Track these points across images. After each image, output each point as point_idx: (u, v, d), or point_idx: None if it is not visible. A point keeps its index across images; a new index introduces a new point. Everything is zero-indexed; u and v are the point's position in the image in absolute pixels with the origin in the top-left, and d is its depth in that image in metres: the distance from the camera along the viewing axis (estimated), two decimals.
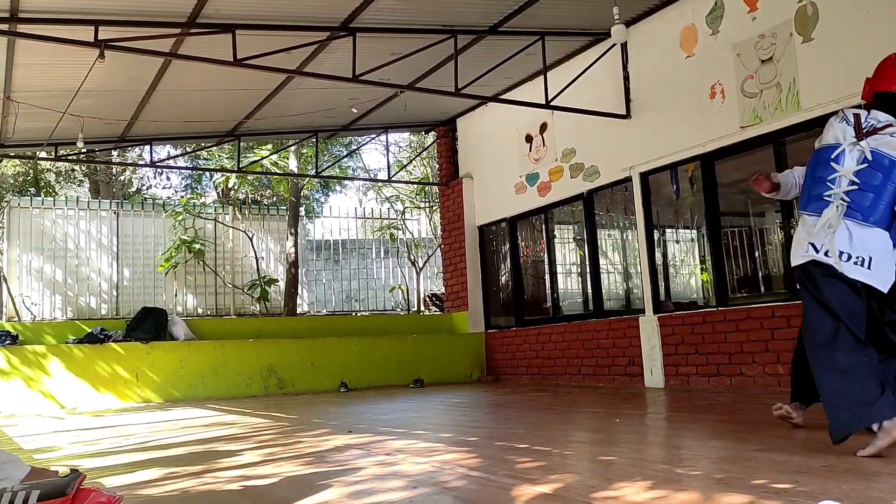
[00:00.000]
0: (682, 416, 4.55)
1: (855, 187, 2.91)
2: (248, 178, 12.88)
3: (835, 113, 3.16)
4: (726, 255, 6.99)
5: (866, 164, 2.91)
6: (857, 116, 3.02)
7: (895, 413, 2.62)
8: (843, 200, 2.91)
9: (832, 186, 2.95)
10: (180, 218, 11.54)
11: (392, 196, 16.13)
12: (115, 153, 14.75)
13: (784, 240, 6.29)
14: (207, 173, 16.21)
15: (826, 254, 2.89)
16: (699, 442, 3.47)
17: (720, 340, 6.48)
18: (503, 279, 9.88)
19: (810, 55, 5.84)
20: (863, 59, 5.50)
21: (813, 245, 2.94)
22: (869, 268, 2.85)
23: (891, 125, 2.97)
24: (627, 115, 7.49)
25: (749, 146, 6.42)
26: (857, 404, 2.70)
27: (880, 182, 2.89)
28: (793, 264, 3.06)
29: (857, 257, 2.86)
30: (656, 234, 7.56)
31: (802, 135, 6.09)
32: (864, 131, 2.97)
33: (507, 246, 9.58)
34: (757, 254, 8.02)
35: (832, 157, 2.99)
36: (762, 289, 7.18)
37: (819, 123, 5.90)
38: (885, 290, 2.88)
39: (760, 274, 7.76)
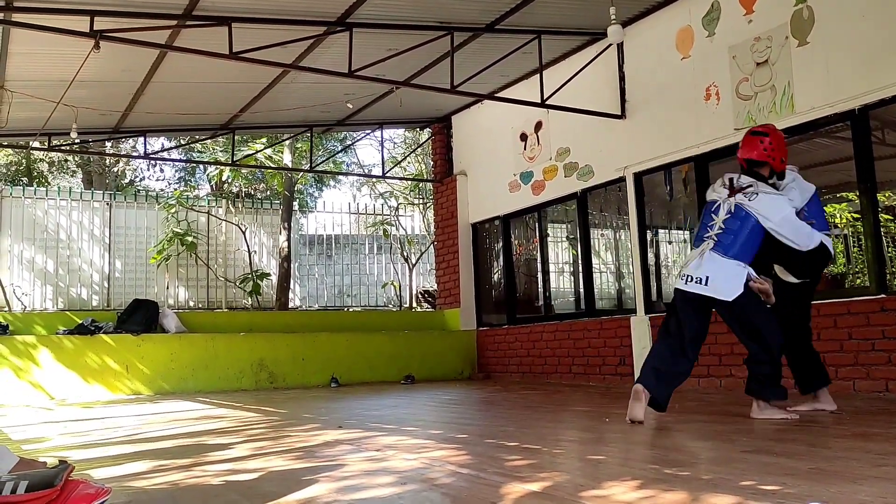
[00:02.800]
0: (671, 417, 4.56)
1: (722, 231, 4.02)
2: (242, 171, 12.84)
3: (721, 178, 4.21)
4: None
5: (730, 215, 4.03)
6: (731, 179, 4.12)
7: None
8: (713, 239, 4.03)
9: (710, 230, 4.08)
10: (173, 210, 11.49)
11: (386, 192, 16.13)
12: (108, 144, 14.68)
13: None
14: (201, 166, 16.14)
15: (685, 280, 4.04)
16: (688, 442, 3.49)
17: (710, 342, 6.46)
18: (496, 277, 9.89)
19: (805, 59, 5.86)
20: (858, 64, 5.53)
21: (680, 274, 4.13)
22: (706, 284, 3.95)
23: (750, 186, 4.06)
24: (622, 116, 7.50)
25: None
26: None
27: (738, 227, 4.00)
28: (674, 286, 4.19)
29: (697, 278, 3.98)
30: (649, 235, 7.58)
31: (796, 138, 6.12)
32: (733, 190, 4.08)
33: (500, 244, 9.60)
34: None
35: (713, 209, 4.13)
36: None
37: (813, 127, 5.94)
38: (728, 299, 3.93)
39: None
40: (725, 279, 3.92)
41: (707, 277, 3.94)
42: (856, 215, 7.74)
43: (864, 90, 5.45)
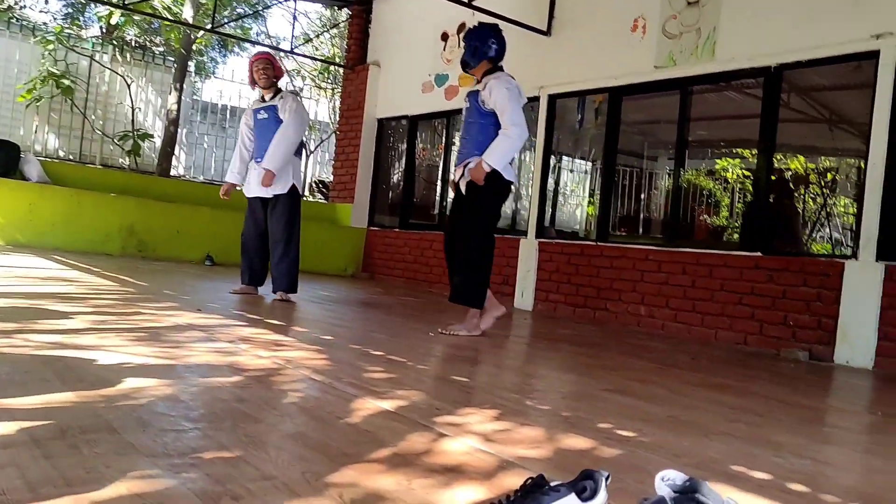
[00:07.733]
0: (542, 344, 4.58)
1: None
2: (136, 18, 11.66)
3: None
4: (615, 193, 7.04)
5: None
6: None
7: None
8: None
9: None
10: (51, 47, 10.35)
11: (293, 70, 15.23)
12: None
13: (672, 187, 6.36)
14: (92, 4, 14.58)
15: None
16: (553, 372, 3.47)
17: (593, 274, 6.59)
18: (395, 178, 9.61)
19: (734, 7, 5.75)
20: (781, 22, 5.47)
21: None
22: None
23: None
24: (548, 33, 7.23)
25: (658, 87, 6.36)
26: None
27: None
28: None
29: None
30: (553, 160, 7.49)
31: (709, 87, 6.08)
32: None
33: (405, 145, 9.27)
34: (643, 196, 8.16)
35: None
36: (641, 230, 7.34)
37: (729, 77, 5.91)
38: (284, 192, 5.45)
39: (642, 216, 7.91)
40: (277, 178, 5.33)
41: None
42: (746, 172, 7.94)
43: (784, 49, 5.42)
